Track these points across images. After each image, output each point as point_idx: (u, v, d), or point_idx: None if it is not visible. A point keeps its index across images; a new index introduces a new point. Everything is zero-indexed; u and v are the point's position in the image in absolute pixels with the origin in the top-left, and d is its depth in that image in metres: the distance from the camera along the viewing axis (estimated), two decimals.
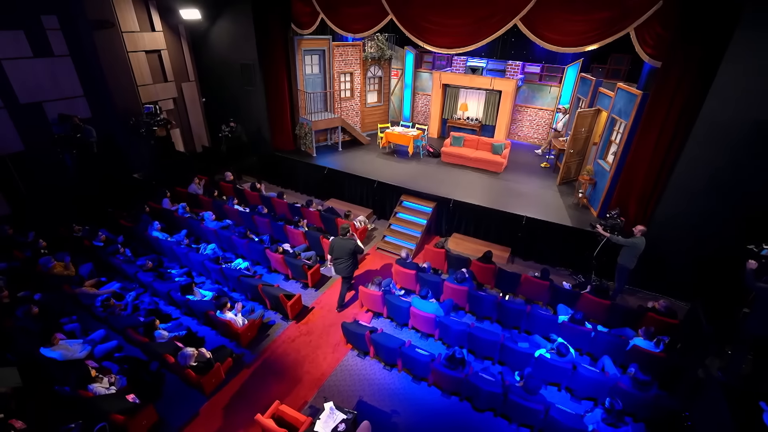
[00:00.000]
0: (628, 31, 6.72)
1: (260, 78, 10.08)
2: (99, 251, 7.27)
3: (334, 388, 5.53)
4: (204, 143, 11.70)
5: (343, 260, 6.24)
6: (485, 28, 7.82)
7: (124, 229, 8.22)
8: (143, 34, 9.58)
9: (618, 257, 6.78)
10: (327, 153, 11.13)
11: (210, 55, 10.74)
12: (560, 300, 6.49)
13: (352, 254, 6.22)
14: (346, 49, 11.02)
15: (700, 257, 6.58)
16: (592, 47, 7.14)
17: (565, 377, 5.17)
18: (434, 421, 5.13)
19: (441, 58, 12.91)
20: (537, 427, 4.80)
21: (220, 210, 8.84)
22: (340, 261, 6.28)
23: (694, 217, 6.48)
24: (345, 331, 5.75)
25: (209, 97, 11.33)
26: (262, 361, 5.90)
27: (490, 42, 8.30)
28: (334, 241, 6.31)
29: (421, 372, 5.40)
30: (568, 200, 8.79)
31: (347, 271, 6.36)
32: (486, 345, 5.60)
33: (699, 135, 6.09)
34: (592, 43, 7.06)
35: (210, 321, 5.99)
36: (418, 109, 13.75)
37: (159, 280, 6.63)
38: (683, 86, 6.15)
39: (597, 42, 7.00)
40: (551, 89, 11.39)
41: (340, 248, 6.19)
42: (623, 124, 7.38)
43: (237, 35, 9.94)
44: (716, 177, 6.13)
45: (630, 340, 5.46)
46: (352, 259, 6.29)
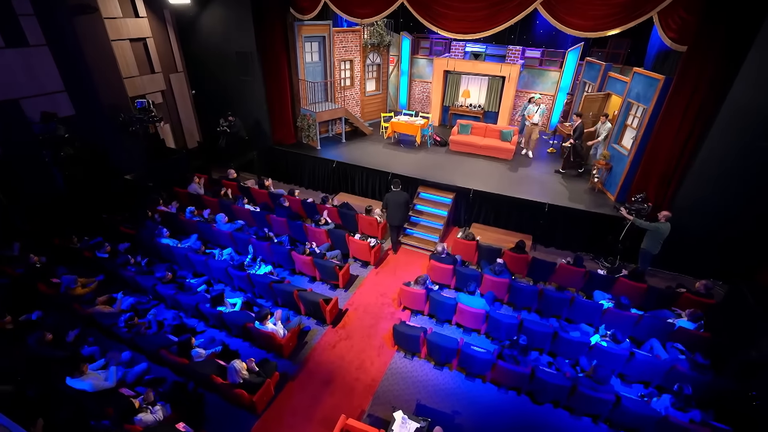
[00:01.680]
0: (651, 15, 6.73)
1: (259, 67, 9.44)
2: (106, 264, 6.61)
3: (389, 394, 5.34)
4: (196, 139, 10.91)
5: (399, 210, 7.37)
6: (504, 13, 7.61)
7: (126, 236, 7.53)
8: (126, 20, 8.67)
9: (642, 242, 6.93)
10: (330, 145, 10.69)
11: (200, 44, 9.92)
12: (595, 286, 6.56)
13: (406, 204, 7.44)
14: (346, 36, 10.51)
15: (725, 240, 6.82)
16: (613, 32, 7.10)
17: (620, 364, 5.23)
18: (497, 418, 5.07)
19: (439, 43, 12.65)
20: (604, 416, 4.84)
21: (228, 211, 8.28)
22: (395, 212, 7.40)
23: (717, 200, 6.67)
24: (396, 334, 5.54)
25: (200, 90, 10.52)
26: (307, 372, 5.61)
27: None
28: (389, 195, 7.40)
29: (478, 369, 5.30)
30: (581, 184, 8.89)
31: (402, 219, 7.57)
32: (538, 337, 5.56)
33: (724, 120, 6.23)
34: (613, 28, 7.02)
35: (246, 333, 5.60)
36: (415, 96, 13.46)
37: (181, 292, 6.11)
38: (708, 71, 6.24)
39: (619, 26, 6.96)
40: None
41: (395, 201, 7.33)
42: (642, 109, 7.47)
43: (232, 22, 9.20)
44: (740, 161, 6.31)
45: (675, 322, 5.59)
46: (405, 208, 7.45)
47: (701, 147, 6.57)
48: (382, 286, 7.25)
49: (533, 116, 9.83)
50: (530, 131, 10.10)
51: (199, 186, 9.07)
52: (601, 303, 5.95)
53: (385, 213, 7.63)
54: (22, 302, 5.95)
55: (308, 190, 10.49)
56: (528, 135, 10.21)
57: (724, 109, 6.18)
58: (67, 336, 5.27)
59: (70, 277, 6.02)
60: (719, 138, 6.35)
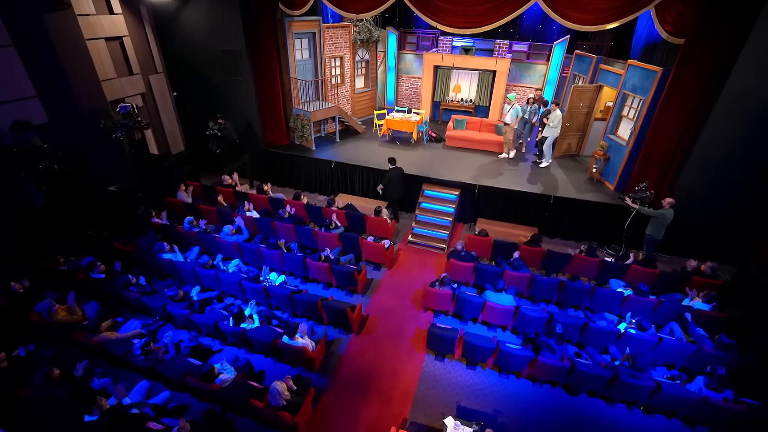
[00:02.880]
0: (649, 8, 6.93)
1: (249, 66, 8.96)
2: (103, 285, 6.06)
3: (428, 399, 5.23)
4: (179, 144, 10.25)
5: (399, 185, 8.18)
6: (505, 7, 7.61)
7: (120, 254, 6.95)
8: (100, 17, 7.94)
9: (646, 228, 7.18)
10: (324, 145, 10.37)
11: (181, 42, 9.28)
12: (609, 275, 6.74)
13: (403, 178, 8.16)
14: (336, 32, 10.18)
15: (722, 223, 7.19)
16: (612, 25, 7.28)
17: (648, 349, 5.38)
18: (536, 413, 5.09)
19: (425, 38, 12.56)
20: (641, 402, 4.97)
21: (228, 219, 7.83)
22: (396, 187, 8.15)
23: (716, 186, 7.02)
24: (431, 336, 5.44)
25: (182, 91, 9.87)
26: (340, 383, 5.40)
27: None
28: (389, 173, 8.12)
29: (516, 367, 5.30)
30: (578, 175, 9.12)
31: (401, 193, 8.32)
32: (568, 328, 5.63)
33: (722, 108, 6.53)
34: (612, 21, 7.18)
35: (274, 349, 5.30)
36: (403, 92, 13.31)
37: (196, 311, 5.70)
38: (706, 62, 6.51)
39: (618, 20, 7.14)
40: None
41: (395, 177, 8.08)
42: (640, 100, 7.71)
43: (217, 18, 8.66)
44: (738, 148, 6.65)
45: (692, 304, 5.83)
46: (403, 181, 8.18)
47: (700, 135, 6.87)
48: (399, 289, 7.11)
49: (506, 116, 9.58)
50: (504, 132, 9.81)
51: (186, 194, 8.53)
52: (621, 291, 6.11)
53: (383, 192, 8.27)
54: (11, 335, 5.35)
55: (305, 193, 10.11)
56: (505, 135, 9.87)
57: (722, 98, 6.48)
58: (75, 370, 4.76)
59: (45, 303, 5.39)
60: (717, 126, 6.66)
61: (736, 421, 4.61)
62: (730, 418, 4.61)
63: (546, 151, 9.38)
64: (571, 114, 9.34)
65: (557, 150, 9.93)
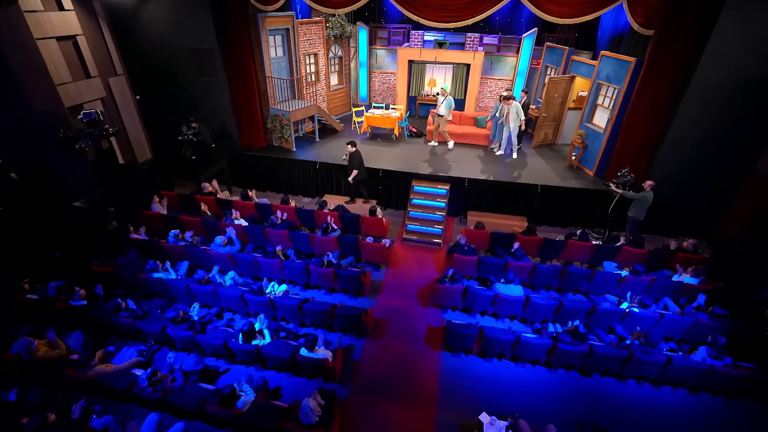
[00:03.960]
0: (621, 1, 7.27)
1: (221, 65, 8.42)
2: (86, 313, 5.46)
3: (453, 396, 5.21)
4: (147, 152, 9.47)
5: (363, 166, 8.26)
6: (486, 0, 7.67)
7: (97, 275, 6.30)
8: (49, 14, 7.11)
9: (629, 211, 7.59)
10: (304, 145, 10.03)
11: (142, 41, 8.53)
12: (603, 257, 7.05)
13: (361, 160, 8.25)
14: (309, 28, 9.82)
15: (696, 201, 7.75)
16: (589, 17, 7.57)
17: (650, 324, 5.69)
18: (556, 398, 5.22)
19: (396, 33, 12.45)
20: (651, 376, 5.25)
21: (215, 229, 7.36)
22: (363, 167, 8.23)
23: (688, 167, 7.53)
24: (450, 334, 5.42)
25: (146, 94, 9.10)
26: (362, 391, 5.25)
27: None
28: (355, 154, 8.14)
29: (534, 355, 5.41)
30: (558, 164, 9.47)
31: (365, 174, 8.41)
32: (574, 313, 5.82)
33: (692, 94, 7.01)
34: (589, 14, 7.48)
35: (292, 363, 5.03)
36: (375, 88, 13.15)
37: (198, 331, 5.30)
38: (677, 51, 6.93)
39: (593, 12, 7.45)
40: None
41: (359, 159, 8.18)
42: (614, 89, 8.10)
43: (184, 14, 8.05)
44: (707, 131, 7.16)
45: (681, 279, 6.24)
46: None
47: (673, 120, 7.34)
48: (403, 287, 7.04)
49: (439, 108, 9.35)
50: (437, 123, 9.64)
51: (161, 206, 7.92)
52: (618, 272, 6.41)
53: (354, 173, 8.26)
54: None
55: (285, 196, 9.74)
56: (436, 126, 9.75)
57: (693, 84, 6.95)
58: (71, 412, 4.25)
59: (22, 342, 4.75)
60: (688, 111, 7.14)
61: (737, 384, 5.00)
62: (732, 382, 4.99)
63: (508, 142, 9.52)
64: (548, 104, 9.66)
65: (535, 140, 10.25)
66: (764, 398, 5.14)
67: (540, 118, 10.03)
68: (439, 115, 9.48)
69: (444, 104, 9.33)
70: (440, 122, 9.62)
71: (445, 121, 9.58)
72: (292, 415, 4.20)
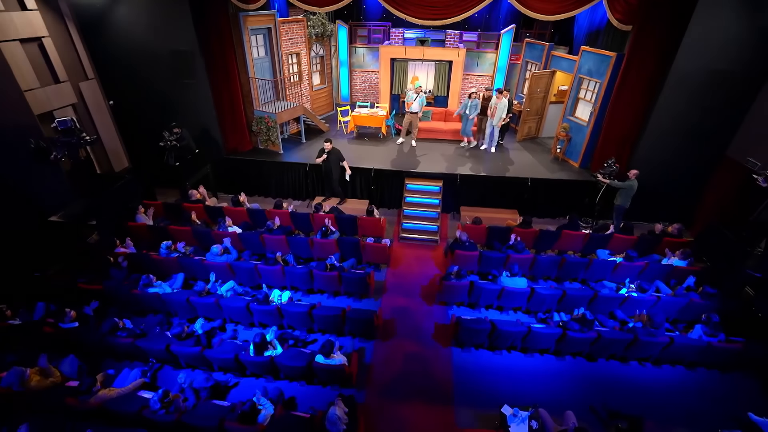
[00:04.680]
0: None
1: (202, 67, 8.08)
2: (79, 335, 5.11)
3: (468, 391, 5.27)
4: (123, 160, 8.96)
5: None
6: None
7: (86, 294, 5.91)
8: (11, 14, 6.57)
9: (615, 199, 7.91)
10: (291, 147, 9.81)
11: (115, 42, 8.03)
12: (596, 246, 7.31)
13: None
14: (291, 27, 9.58)
15: (674, 188, 8.17)
16: (571, 14, 7.80)
17: (648, 307, 5.94)
18: (565, 384, 5.39)
19: (376, 31, 12.37)
20: (654, 356, 5.49)
21: (207, 239, 7.07)
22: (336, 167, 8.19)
23: (668, 155, 7.93)
24: (463, 330, 5.45)
25: (121, 99, 8.59)
26: (378, 394, 5.21)
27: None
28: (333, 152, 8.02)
29: (544, 345, 5.54)
30: (543, 156, 9.73)
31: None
32: (577, 301, 6.01)
33: (671, 86, 7.37)
34: (572, 10, 7.71)
35: (304, 372, 4.92)
36: (357, 87, 13.02)
37: (204, 345, 5.07)
38: (655, 45, 7.26)
39: (576, 9, 7.68)
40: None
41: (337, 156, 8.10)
42: (596, 83, 8.40)
43: (160, 14, 7.64)
44: (685, 120, 7.57)
45: (671, 262, 6.56)
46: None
47: (653, 111, 7.69)
48: (405, 287, 7.03)
49: (412, 104, 9.22)
50: (410, 120, 9.59)
51: (146, 217, 7.53)
52: (613, 259, 6.67)
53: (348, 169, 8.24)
54: None
55: (274, 199, 9.48)
56: (407, 123, 9.69)
57: (670, 77, 7.29)
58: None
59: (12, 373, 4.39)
60: (667, 102, 7.50)
61: (730, 358, 5.32)
62: (725, 357, 5.31)
63: (490, 136, 9.67)
64: (531, 99, 9.90)
65: (519, 134, 10.48)
66: (753, 369, 5.51)
67: (524, 112, 10.26)
68: (413, 113, 9.47)
69: (417, 101, 9.31)
70: (413, 119, 9.64)
71: (417, 118, 9.61)
72: (317, 425, 4.10)
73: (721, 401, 5.25)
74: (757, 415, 4.80)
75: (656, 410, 5.09)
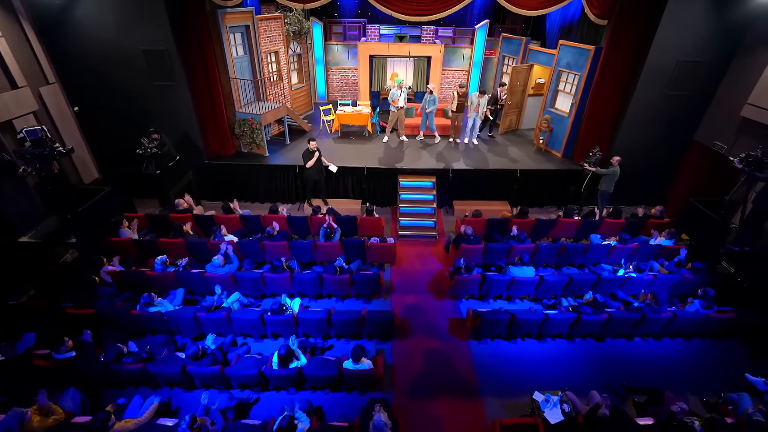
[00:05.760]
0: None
1: (180, 67, 7.58)
2: (78, 365, 4.65)
3: (491, 382, 5.36)
4: (93, 171, 8.24)
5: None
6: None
7: (76, 320, 5.39)
8: None
9: (599, 185, 8.32)
10: (275, 149, 9.47)
11: (79, 43, 7.32)
12: (588, 231, 7.65)
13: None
14: (269, 24, 9.20)
15: (651, 172, 8.72)
16: (553, 9, 8.08)
17: (645, 285, 6.31)
18: (578, 365, 5.62)
19: (352, 28, 12.19)
20: (656, 331, 5.85)
21: (203, 250, 6.68)
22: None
23: (644, 142, 8.44)
24: (484, 323, 5.51)
25: (87, 105, 7.86)
26: (405, 395, 5.17)
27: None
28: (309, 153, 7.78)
29: (557, 330, 5.73)
30: (526, 148, 10.04)
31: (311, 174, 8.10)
32: (582, 285, 6.28)
33: (646, 77, 7.83)
34: (554, 5, 7.98)
35: (334, 380, 4.78)
36: (333, 85, 12.79)
37: (222, 362, 4.79)
38: (631, 39, 7.69)
39: (558, 4, 7.95)
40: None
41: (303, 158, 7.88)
42: (575, 75, 8.76)
43: (131, 11, 7.06)
44: (658, 109, 8.09)
45: (659, 242, 7.01)
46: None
47: (630, 101, 8.14)
48: (412, 284, 7.03)
49: (398, 101, 9.23)
50: (396, 116, 9.56)
51: (131, 231, 7.01)
52: (607, 243, 7.01)
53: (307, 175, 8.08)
54: None
55: (262, 204, 9.16)
56: (394, 120, 9.67)
57: (645, 68, 7.75)
58: None
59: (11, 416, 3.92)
60: (643, 92, 7.97)
61: (722, 327, 5.78)
62: (719, 326, 5.76)
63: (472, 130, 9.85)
64: (512, 92, 10.16)
65: (501, 127, 10.74)
66: (741, 336, 6.00)
67: (506, 105, 10.49)
68: (400, 108, 9.44)
69: (402, 96, 9.32)
70: (400, 115, 9.64)
71: (403, 112, 9.61)
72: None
73: (717, 367, 5.68)
74: (753, 376, 5.25)
75: (662, 381, 5.39)
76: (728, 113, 7.73)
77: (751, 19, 7.21)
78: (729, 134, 7.80)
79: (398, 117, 9.66)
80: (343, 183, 8.90)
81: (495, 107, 9.86)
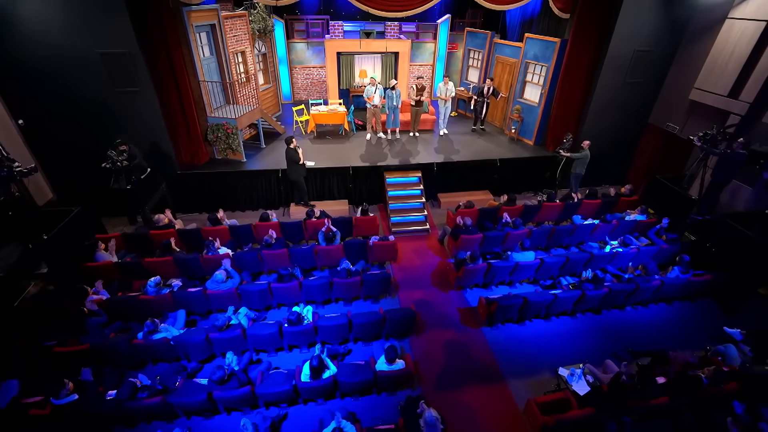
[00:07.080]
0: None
1: (146, 71, 6.95)
2: (84, 408, 4.15)
3: (512, 364, 5.56)
4: (47, 191, 7.33)
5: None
6: None
7: (72, 357, 4.80)
8: None
9: (572, 168, 8.90)
10: (251, 154, 9.05)
11: (21, 47, 6.45)
12: (569, 213, 8.15)
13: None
14: (234, 23, 8.69)
15: (614, 154, 9.47)
16: (522, 3, 8.43)
17: (630, 258, 6.86)
18: (581, 338, 5.99)
19: (315, 25, 11.88)
20: (647, 299, 6.40)
21: (196, 266, 6.23)
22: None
23: (607, 126, 9.14)
24: (500, 309, 5.68)
25: (33, 118, 6.96)
26: (433, 388, 5.21)
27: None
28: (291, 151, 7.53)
29: (563, 308, 6.07)
30: (499, 138, 10.46)
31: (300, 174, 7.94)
32: (577, 264, 6.69)
33: (608, 67, 8.46)
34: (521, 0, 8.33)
35: (368, 385, 4.70)
36: (299, 84, 12.43)
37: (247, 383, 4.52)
38: (593, 31, 8.26)
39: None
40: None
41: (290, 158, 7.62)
42: (542, 67, 9.24)
43: (85, 9, 6.34)
44: (618, 97, 8.79)
45: (634, 218, 7.64)
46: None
47: (595, 89, 8.76)
48: (416, 279, 7.08)
49: (373, 98, 9.26)
50: (373, 113, 9.65)
51: (107, 253, 6.36)
52: (590, 222, 7.53)
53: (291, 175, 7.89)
54: None
55: (243, 212, 8.71)
56: (371, 117, 9.76)
57: (607, 59, 8.37)
58: None
59: None
60: (605, 81, 8.61)
61: (700, 289, 6.45)
62: (697, 289, 6.42)
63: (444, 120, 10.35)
64: (504, 85, 10.44)
65: (474, 121, 11.05)
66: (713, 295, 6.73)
67: (474, 101, 10.76)
68: (375, 106, 9.44)
69: (377, 93, 9.31)
70: (376, 112, 9.63)
71: (380, 111, 9.63)
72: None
73: (698, 324, 6.34)
74: (730, 328, 5.93)
75: (657, 342, 5.94)
76: (678, 97, 8.59)
77: (692, 10, 8.04)
78: (680, 116, 8.67)
79: (375, 114, 9.60)
80: (328, 184, 8.71)
81: (482, 100, 10.09)
